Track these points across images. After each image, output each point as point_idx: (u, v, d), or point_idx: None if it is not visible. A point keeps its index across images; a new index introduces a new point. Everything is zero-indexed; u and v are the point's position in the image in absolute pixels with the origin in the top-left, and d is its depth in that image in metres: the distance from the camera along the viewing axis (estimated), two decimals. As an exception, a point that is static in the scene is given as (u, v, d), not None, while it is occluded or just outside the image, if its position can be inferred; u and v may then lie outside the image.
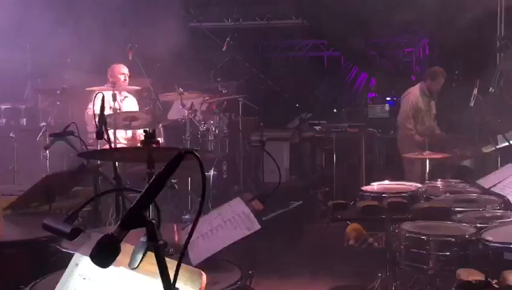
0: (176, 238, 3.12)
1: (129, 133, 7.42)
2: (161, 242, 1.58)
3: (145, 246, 1.62)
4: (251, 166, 9.22)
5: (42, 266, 3.06)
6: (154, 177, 1.56)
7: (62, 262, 2.16)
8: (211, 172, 7.51)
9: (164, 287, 1.56)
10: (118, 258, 1.60)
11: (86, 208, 4.53)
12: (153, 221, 1.58)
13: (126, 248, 1.68)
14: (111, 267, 1.63)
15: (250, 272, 2.77)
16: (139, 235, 1.66)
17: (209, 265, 2.68)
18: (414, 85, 8.31)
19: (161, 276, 1.56)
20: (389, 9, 9.17)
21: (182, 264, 1.62)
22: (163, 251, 1.59)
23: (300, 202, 8.21)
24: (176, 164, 1.57)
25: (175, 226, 3.45)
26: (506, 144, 6.52)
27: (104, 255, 1.53)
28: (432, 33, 11.39)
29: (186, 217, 6.89)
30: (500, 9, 9.52)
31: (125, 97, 7.52)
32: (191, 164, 1.66)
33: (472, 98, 6.74)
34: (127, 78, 7.48)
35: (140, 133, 7.06)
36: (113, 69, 7.46)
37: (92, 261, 1.53)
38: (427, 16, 9.68)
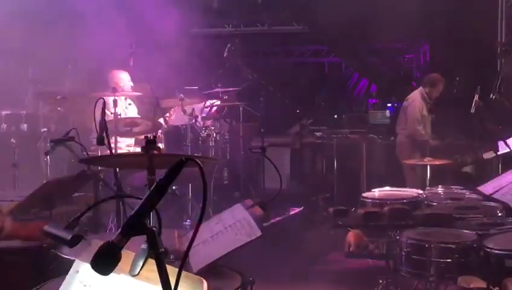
0: (177, 245, 3.11)
1: (128, 140, 7.43)
2: (162, 249, 1.58)
3: (146, 253, 1.61)
4: (252, 172, 9.22)
5: (42, 272, 3.05)
6: (155, 184, 1.56)
7: (62, 268, 2.15)
8: (212, 178, 7.51)
9: (165, 294, 1.55)
10: (119, 265, 1.59)
11: (87, 214, 4.53)
12: (154, 228, 1.58)
13: (127, 255, 1.68)
14: (112, 275, 1.62)
15: (250, 278, 2.76)
16: (141, 241, 1.65)
17: (209, 272, 2.67)
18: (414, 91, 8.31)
19: (162, 283, 1.55)
20: (390, 16, 9.18)
21: (183, 272, 1.61)
22: (164, 258, 1.59)
23: (301, 208, 8.20)
24: (177, 170, 1.57)
25: (176, 232, 3.44)
26: (507, 150, 6.51)
27: (104, 263, 1.52)
28: (432, 39, 11.40)
29: (187, 223, 6.89)
30: (500, 15, 9.54)
31: (130, 104, 7.53)
32: (191, 170, 1.65)
33: (473, 105, 6.74)
34: (127, 84, 7.49)
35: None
36: (113, 75, 7.47)
37: (93, 268, 1.52)
38: (427, 22, 9.68)
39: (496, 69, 9.20)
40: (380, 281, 4.94)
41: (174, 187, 7.18)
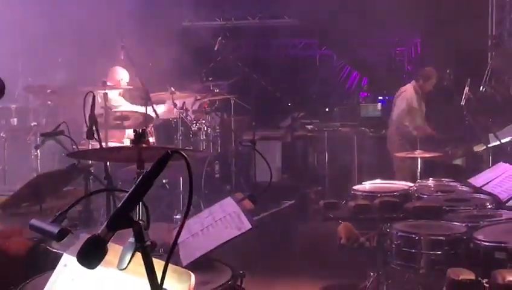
0: (167, 239, 3.11)
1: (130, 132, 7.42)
2: (148, 243, 1.57)
3: (133, 246, 1.60)
4: (243, 165, 9.22)
5: (32, 266, 3.04)
6: (140, 177, 1.55)
7: (52, 263, 2.15)
8: (203, 172, 7.51)
9: (151, 288, 1.55)
10: (108, 259, 1.59)
11: (78, 208, 4.52)
12: (140, 221, 1.57)
13: (116, 249, 1.67)
14: (100, 268, 1.62)
15: (241, 272, 2.76)
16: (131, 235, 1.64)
17: (199, 265, 2.67)
18: (406, 84, 8.33)
19: (148, 277, 1.55)
20: (381, 9, 9.18)
21: (171, 265, 1.61)
22: (151, 252, 1.58)
23: (292, 201, 8.21)
24: (163, 163, 1.56)
25: (166, 226, 3.45)
26: (498, 142, 6.54)
27: (90, 257, 1.52)
28: (423, 32, 11.41)
29: (178, 216, 6.88)
30: (491, 8, 9.56)
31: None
32: (182, 164, 1.65)
33: (463, 97, 6.75)
34: (125, 82, 7.49)
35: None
36: (115, 71, 7.45)
37: (79, 262, 1.51)
38: (419, 15, 9.69)
39: (486, 61, 9.22)
40: (371, 273, 4.94)
41: (164, 181, 7.17)
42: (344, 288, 5.77)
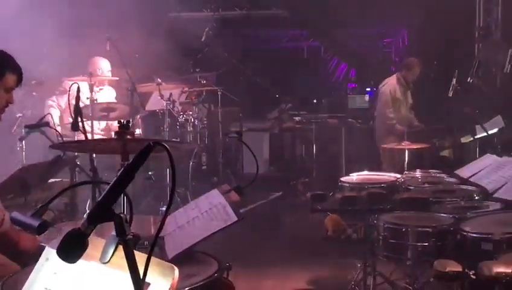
0: (153, 231, 3.10)
1: (103, 124, 7.34)
2: (130, 236, 1.54)
3: (116, 240, 1.58)
4: (231, 157, 9.21)
5: (17, 260, 3.01)
6: (122, 169, 1.53)
7: (38, 256, 2.12)
8: (190, 163, 7.48)
9: (133, 281, 1.52)
10: (91, 252, 1.56)
11: (64, 201, 4.48)
12: (121, 214, 1.54)
13: (99, 242, 1.64)
14: (82, 262, 1.59)
15: (227, 264, 2.74)
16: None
17: (185, 257, 2.65)
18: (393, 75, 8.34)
19: (130, 270, 1.52)
20: (368, 0, 9.18)
21: (154, 259, 1.58)
22: (135, 245, 1.56)
23: (280, 193, 8.20)
24: (145, 155, 1.53)
25: (152, 218, 3.42)
26: (485, 134, 6.54)
27: (70, 251, 1.49)
28: (411, 24, 11.41)
29: (164, 209, 6.85)
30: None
31: (101, 89, 7.41)
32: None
33: (450, 89, 6.76)
34: (106, 73, 7.41)
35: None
36: (94, 61, 7.38)
37: (58, 256, 1.49)
38: (406, 6, 9.68)
39: (473, 53, 9.24)
40: (358, 265, 4.94)
41: (150, 173, 7.15)
42: (331, 280, 5.77)
